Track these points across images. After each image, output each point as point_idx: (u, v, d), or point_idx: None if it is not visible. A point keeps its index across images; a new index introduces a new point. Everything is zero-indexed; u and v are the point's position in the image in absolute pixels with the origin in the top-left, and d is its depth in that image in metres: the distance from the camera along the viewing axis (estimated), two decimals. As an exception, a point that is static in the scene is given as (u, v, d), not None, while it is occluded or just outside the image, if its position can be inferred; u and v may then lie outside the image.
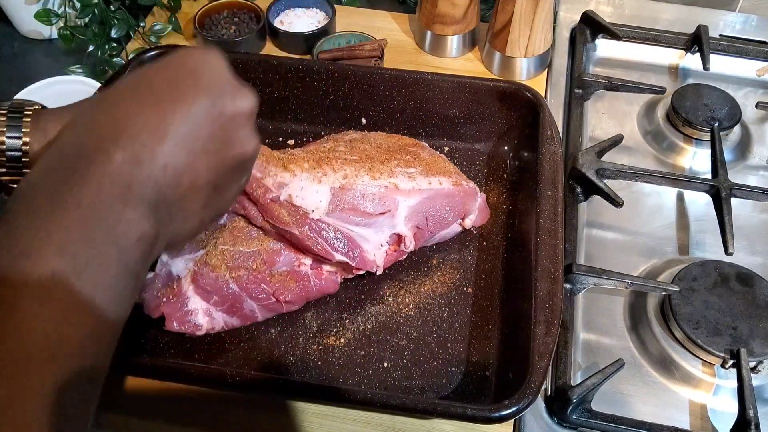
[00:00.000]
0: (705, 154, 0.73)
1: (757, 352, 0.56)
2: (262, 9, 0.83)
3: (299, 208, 0.54)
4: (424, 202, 0.58)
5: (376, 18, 0.88)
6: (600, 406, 0.54)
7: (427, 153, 0.64)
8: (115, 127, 0.34)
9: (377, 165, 0.59)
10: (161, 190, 0.35)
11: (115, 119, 0.34)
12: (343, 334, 0.58)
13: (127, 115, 0.35)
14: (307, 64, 0.70)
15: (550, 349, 0.49)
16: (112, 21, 0.80)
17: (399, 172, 0.59)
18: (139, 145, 0.34)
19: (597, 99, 0.80)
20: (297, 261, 0.56)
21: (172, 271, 0.55)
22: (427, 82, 0.68)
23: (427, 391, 0.55)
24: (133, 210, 0.33)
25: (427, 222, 0.59)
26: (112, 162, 0.33)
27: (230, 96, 0.38)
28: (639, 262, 0.65)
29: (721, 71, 0.83)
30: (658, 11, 0.90)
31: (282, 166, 0.56)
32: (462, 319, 0.59)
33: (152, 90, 0.36)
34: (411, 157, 0.62)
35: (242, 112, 0.39)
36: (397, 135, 0.68)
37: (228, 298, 0.55)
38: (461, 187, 0.61)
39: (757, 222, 0.69)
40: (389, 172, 0.58)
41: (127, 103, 0.35)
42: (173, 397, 0.54)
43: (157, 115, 0.35)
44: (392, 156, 0.61)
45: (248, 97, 0.39)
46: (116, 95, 0.36)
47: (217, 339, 0.57)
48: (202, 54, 0.38)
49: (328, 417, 0.54)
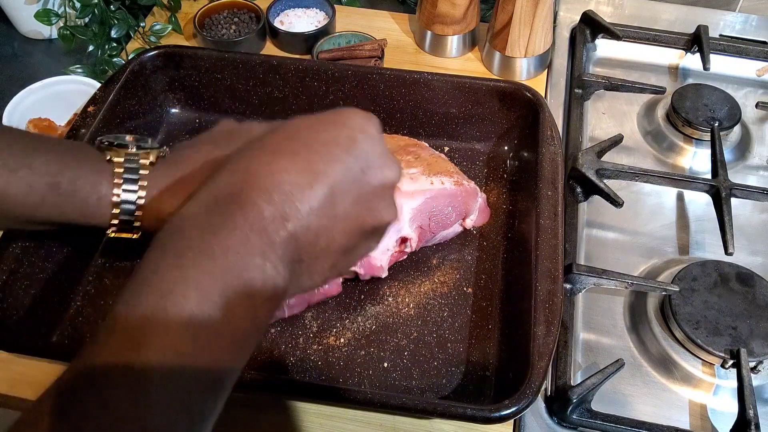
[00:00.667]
0: (705, 154, 0.73)
1: (757, 352, 0.56)
2: (262, 9, 0.83)
3: None
4: (426, 203, 0.58)
5: (376, 18, 0.89)
6: (600, 406, 0.54)
7: (428, 153, 0.64)
8: (270, 181, 0.34)
9: None
10: (299, 249, 0.35)
11: (271, 173, 0.35)
12: (343, 334, 0.58)
13: (281, 169, 0.35)
14: (307, 64, 0.70)
15: (550, 349, 0.49)
16: (112, 21, 0.80)
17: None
18: (288, 202, 0.34)
19: (597, 99, 0.80)
20: None
21: None
22: (427, 82, 0.68)
23: (427, 391, 0.55)
24: (272, 266, 0.33)
25: (430, 222, 0.59)
26: (262, 216, 0.33)
27: (379, 167, 0.38)
28: (639, 262, 0.65)
29: (721, 71, 0.83)
30: (658, 11, 0.90)
31: None
32: (462, 319, 0.59)
33: (309, 148, 0.36)
34: (412, 157, 0.62)
35: (387, 183, 0.39)
36: (397, 135, 0.68)
37: None
38: (463, 186, 0.61)
39: (757, 222, 0.69)
40: None
41: (283, 158, 0.35)
42: (173, 397, 0.54)
43: (309, 175, 0.35)
44: None
45: (394, 169, 0.40)
46: (274, 144, 0.37)
47: (217, 339, 0.57)
48: (361, 120, 0.39)
49: (328, 417, 0.54)
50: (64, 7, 0.81)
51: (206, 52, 0.71)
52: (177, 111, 0.74)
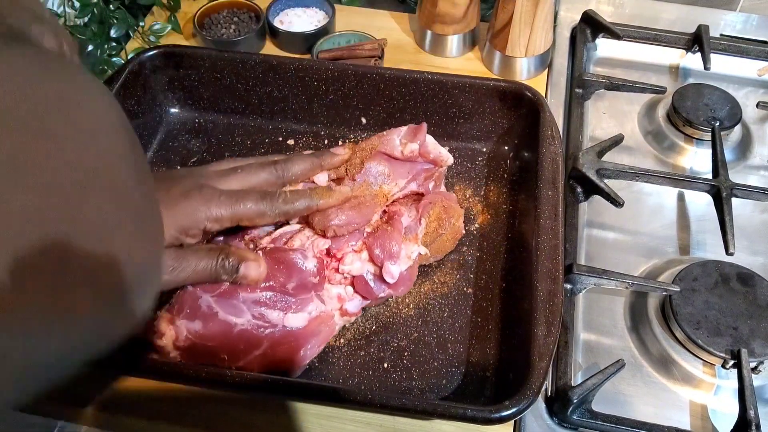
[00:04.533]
0: (706, 154, 0.73)
1: (757, 352, 0.56)
2: (261, 8, 0.83)
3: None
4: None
5: (376, 17, 0.88)
6: (600, 407, 0.54)
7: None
8: None
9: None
10: None
11: None
12: (343, 334, 0.58)
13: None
14: (307, 63, 0.70)
15: (550, 350, 0.49)
16: (111, 20, 0.80)
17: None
18: None
19: (597, 99, 0.80)
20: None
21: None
22: (427, 81, 0.68)
23: (427, 392, 0.55)
24: None
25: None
26: None
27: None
28: (639, 262, 0.65)
29: (722, 71, 0.83)
30: (659, 11, 0.90)
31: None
32: (462, 320, 0.59)
33: None
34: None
35: None
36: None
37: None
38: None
39: (757, 222, 0.69)
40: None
41: None
42: (173, 398, 0.54)
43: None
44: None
45: None
46: None
47: (216, 339, 0.57)
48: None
49: (327, 417, 0.54)
50: (63, 6, 0.81)
51: (206, 52, 0.71)
52: (176, 111, 0.74)
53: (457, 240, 0.62)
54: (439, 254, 0.61)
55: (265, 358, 0.52)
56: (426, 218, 0.58)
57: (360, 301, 0.56)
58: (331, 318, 0.55)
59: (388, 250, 0.55)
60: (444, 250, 0.62)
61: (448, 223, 0.60)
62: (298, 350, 0.52)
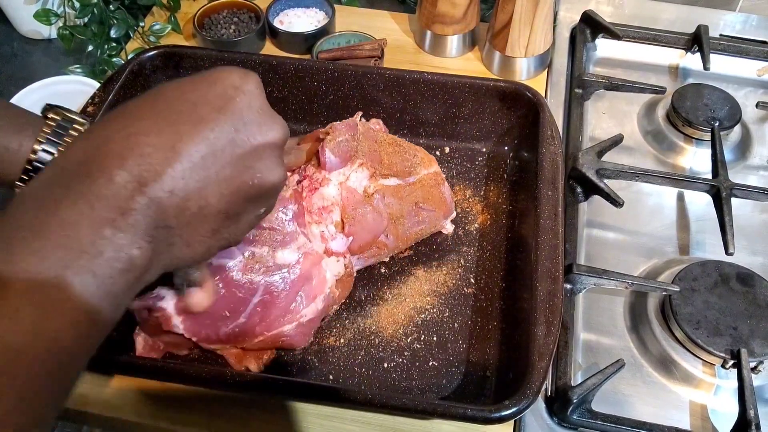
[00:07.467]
0: (705, 154, 0.73)
1: (757, 352, 0.56)
2: (261, 9, 0.83)
3: None
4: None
5: (376, 18, 0.88)
6: (600, 407, 0.54)
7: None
8: (125, 145, 0.32)
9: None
10: (163, 215, 0.33)
11: (127, 135, 0.32)
12: (343, 334, 0.58)
13: (138, 132, 0.32)
14: (307, 63, 0.70)
15: (550, 350, 0.49)
16: (111, 21, 0.80)
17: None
18: (145, 166, 0.32)
19: (597, 99, 0.80)
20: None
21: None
22: (427, 82, 0.68)
23: (427, 392, 0.55)
24: (125, 236, 0.31)
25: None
26: (112, 183, 0.31)
27: (257, 125, 0.36)
28: (639, 262, 0.65)
29: (722, 71, 0.83)
30: (659, 11, 0.90)
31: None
32: (462, 319, 0.59)
33: (172, 108, 0.34)
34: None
35: (268, 143, 0.37)
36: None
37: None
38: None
39: (757, 222, 0.69)
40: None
41: (144, 120, 0.33)
42: (173, 398, 0.54)
43: (171, 136, 0.33)
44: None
45: (276, 128, 0.37)
46: (135, 109, 0.34)
47: (216, 339, 0.57)
48: (237, 77, 0.36)
49: (327, 417, 0.54)
50: (63, 6, 0.81)
51: (206, 52, 0.71)
52: (176, 111, 0.74)
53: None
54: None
55: (264, 308, 0.52)
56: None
57: (344, 240, 0.56)
58: (320, 261, 0.55)
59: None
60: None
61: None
62: (294, 295, 0.53)
